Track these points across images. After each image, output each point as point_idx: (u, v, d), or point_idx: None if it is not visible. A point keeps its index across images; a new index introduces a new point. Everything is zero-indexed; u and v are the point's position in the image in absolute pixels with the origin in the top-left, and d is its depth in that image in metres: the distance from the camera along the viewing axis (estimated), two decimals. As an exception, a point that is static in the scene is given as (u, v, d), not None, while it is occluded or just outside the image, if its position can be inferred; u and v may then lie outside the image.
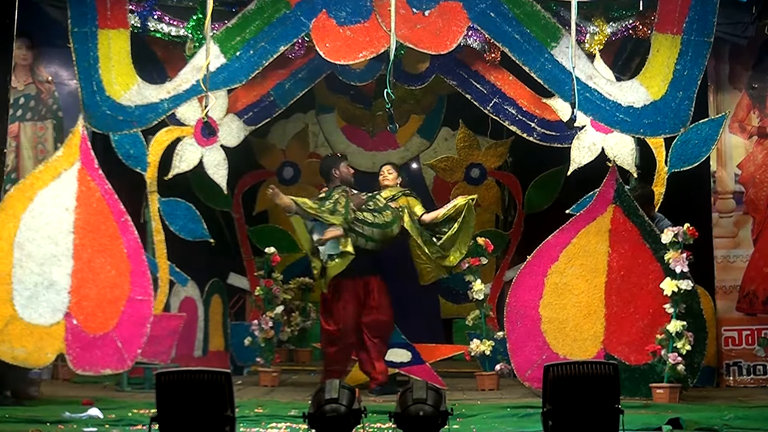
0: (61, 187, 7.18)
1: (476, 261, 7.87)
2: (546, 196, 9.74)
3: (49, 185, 7.19)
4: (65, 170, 7.24)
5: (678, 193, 7.86)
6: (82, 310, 7.06)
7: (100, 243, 7.15)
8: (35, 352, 6.96)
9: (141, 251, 7.31)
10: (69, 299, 7.04)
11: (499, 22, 7.57)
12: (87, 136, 7.36)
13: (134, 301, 7.17)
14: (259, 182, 10.29)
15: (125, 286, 7.17)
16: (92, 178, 7.30)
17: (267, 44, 7.70)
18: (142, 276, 7.23)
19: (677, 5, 7.50)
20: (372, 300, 7.80)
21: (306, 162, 10.39)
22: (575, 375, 4.43)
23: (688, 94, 7.51)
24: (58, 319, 7.02)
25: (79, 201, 7.17)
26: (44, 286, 7.02)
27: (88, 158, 7.33)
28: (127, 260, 7.20)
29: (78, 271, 7.08)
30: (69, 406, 6.59)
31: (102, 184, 7.32)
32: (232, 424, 4.45)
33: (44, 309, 7.00)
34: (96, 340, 7.09)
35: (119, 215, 7.29)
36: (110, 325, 7.13)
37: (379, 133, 10.24)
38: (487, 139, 10.20)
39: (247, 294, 9.84)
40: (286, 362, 9.46)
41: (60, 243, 7.08)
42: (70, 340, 7.02)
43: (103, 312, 7.11)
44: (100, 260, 7.13)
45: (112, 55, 7.72)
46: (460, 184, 10.27)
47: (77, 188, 7.20)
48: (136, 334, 7.16)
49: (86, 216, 7.17)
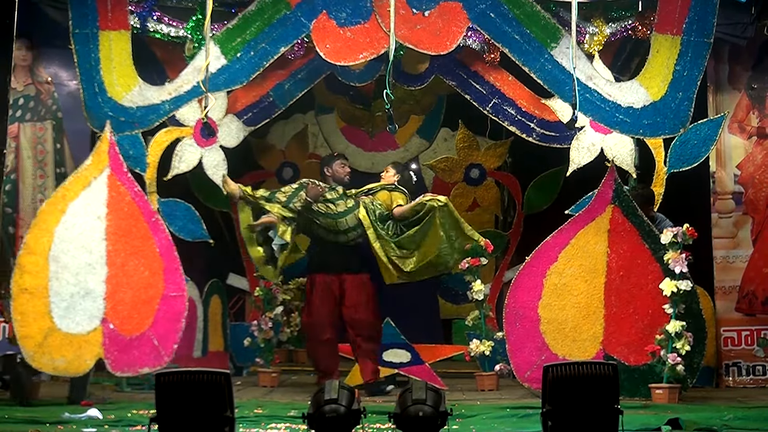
0: (92, 196, 7.24)
1: (476, 261, 7.87)
2: (545, 197, 9.73)
3: (80, 195, 7.24)
4: (95, 178, 7.29)
5: (677, 193, 7.87)
6: (118, 314, 7.13)
7: (133, 246, 7.22)
8: (75, 360, 7.03)
9: (173, 248, 7.34)
10: (105, 305, 7.12)
11: (498, 22, 7.58)
12: (115, 142, 7.40)
13: (168, 297, 7.25)
14: (259, 183, 10.27)
15: (159, 285, 7.24)
16: (122, 182, 7.34)
17: (267, 45, 7.70)
18: (174, 272, 7.29)
19: (677, 6, 7.50)
20: (347, 298, 7.77)
21: (305, 162, 10.38)
22: (574, 375, 4.44)
23: (688, 95, 7.52)
24: (95, 326, 7.10)
25: (109, 207, 7.24)
26: (80, 295, 7.09)
27: (117, 163, 7.36)
28: (159, 259, 7.26)
29: (112, 277, 7.16)
30: (69, 406, 6.59)
31: (132, 187, 7.36)
32: (232, 424, 4.45)
33: (81, 317, 7.07)
34: (133, 341, 7.15)
35: (150, 216, 7.35)
36: (146, 325, 7.19)
37: (379, 133, 10.23)
38: (487, 140, 10.20)
39: (246, 294, 9.83)
40: (286, 363, 9.45)
41: (93, 251, 7.15)
42: (107, 345, 7.09)
43: (139, 313, 7.18)
44: (133, 263, 7.20)
45: (114, 56, 7.72)
46: (460, 185, 10.27)
47: (107, 195, 7.26)
48: (172, 329, 7.22)
49: (117, 221, 7.23)
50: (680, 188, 7.91)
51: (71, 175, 7.35)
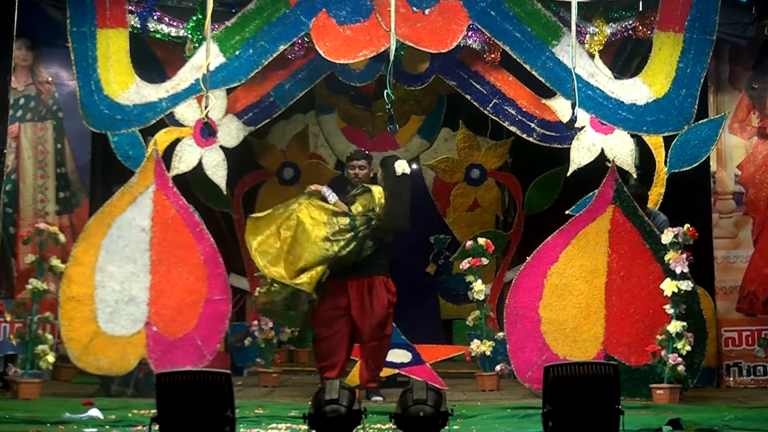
0: (137, 210, 7.47)
1: (477, 261, 7.86)
2: (546, 197, 9.74)
3: (127, 210, 7.46)
4: (140, 194, 7.49)
5: (678, 193, 7.86)
6: (161, 318, 7.39)
7: (176, 255, 7.45)
8: (119, 360, 7.36)
9: (217, 255, 7.51)
10: (148, 310, 7.38)
11: (499, 20, 7.58)
12: (161, 159, 7.58)
13: (212, 301, 7.44)
14: (259, 183, 10.29)
15: (203, 290, 7.45)
16: (167, 196, 7.50)
17: (267, 43, 7.71)
18: (218, 278, 7.48)
19: (679, 3, 7.51)
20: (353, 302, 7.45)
21: (306, 162, 10.39)
22: (575, 376, 4.43)
23: (691, 92, 7.52)
24: (138, 329, 7.37)
25: (154, 221, 7.46)
26: (124, 301, 7.38)
27: (163, 179, 7.53)
28: (203, 266, 7.46)
29: (156, 284, 7.40)
30: (69, 406, 6.59)
31: (176, 200, 7.52)
32: (232, 424, 4.45)
33: (125, 321, 7.37)
34: (176, 342, 7.37)
35: (194, 226, 7.51)
36: (190, 327, 7.39)
37: (379, 133, 10.24)
38: (487, 140, 10.21)
39: (247, 295, 9.83)
40: (287, 363, 9.46)
41: (138, 261, 7.42)
42: (151, 346, 7.34)
43: (182, 316, 7.41)
44: (177, 270, 7.44)
45: (111, 54, 7.73)
46: (460, 185, 10.28)
47: (152, 209, 7.47)
48: (215, 330, 7.43)
49: (161, 233, 7.45)
50: (681, 188, 7.90)
51: (118, 191, 7.57)
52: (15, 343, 7.38)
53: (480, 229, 9.96)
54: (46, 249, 7.38)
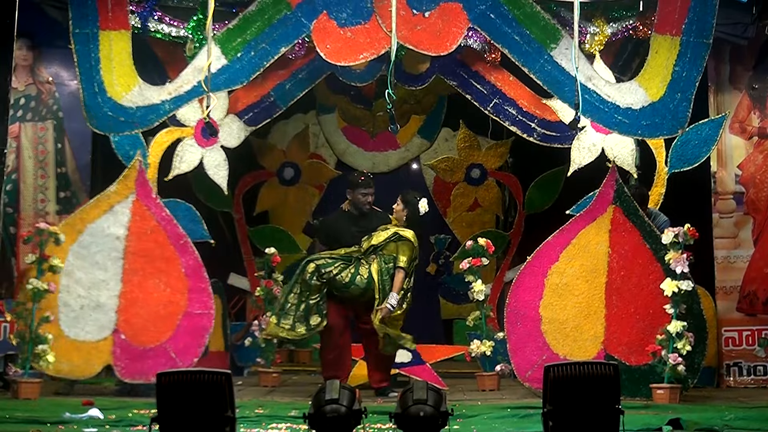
0: (113, 218, 7.56)
1: (477, 261, 7.86)
2: (546, 197, 9.74)
3: (101, 218, 7.55)
4: (118, 203, 7.58)
5: (678, 193, 7.87)
6: (131, 326, 7.47)
7: (155, 266, 7.52)
8: (81, 365, 7.47)
9: (201, 269, 7.56)
10: (117, 318, 7.47)
11: (498, 23, 7.58)
12: (144, 169, 7.63)
13: (192, 315, 7.50)
14: (260, 183, 10.29)
15: (182, 303, 7.51)
16: (148, 207, 7.57)
17: (268, 45, 7.71)
18: (201, 292, 7.54)
19: (676, 7, 7.50)
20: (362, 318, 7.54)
21: (306, 162, 10.40)
22: (576, 375, 4.43)
23: (687, 96, 7.53)
24: (105, 336, 7.45)
25: (131, 230, 7.54)
26: (91, 307, 7.47)
27: (145, 190, 7.59)
28: (185, 278, 7.53)
29: (127, 293, 7.50)
30: (69, 406, 6.59)
31: (159, 212, 7.58)
32: (233, 424, 4.45)
33: (91, 327, 7.46)
34: (147, 352, 7.44)
35: (178, 238, 7.57)
36: (163, 338, 7.46)
37: (380, 133, 10.24)
38: (488, 140, 10.21)
39: (247, 294, 9.84)
40: (287, 363, 9.46)
41: (109, 269, 7.51)
42: (118, 353, 7.43)
43: (155, 327, 7.47)
44: (153, 281, 7.51)
45: (114, 56, 7.75)
46: (461, 185, 10.28)
47: (130, 218, 7.56)
48: (193, 344, 7.46)
49: (137, 243, 7.53)
50: (681, 188, 7.91)
51: (93, 199, 7.64)
52: (15, 343, 7.38)
53: (480, 229, 9.96)
54: (46, 249, 7.38)
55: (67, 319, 7.43)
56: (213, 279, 8.97)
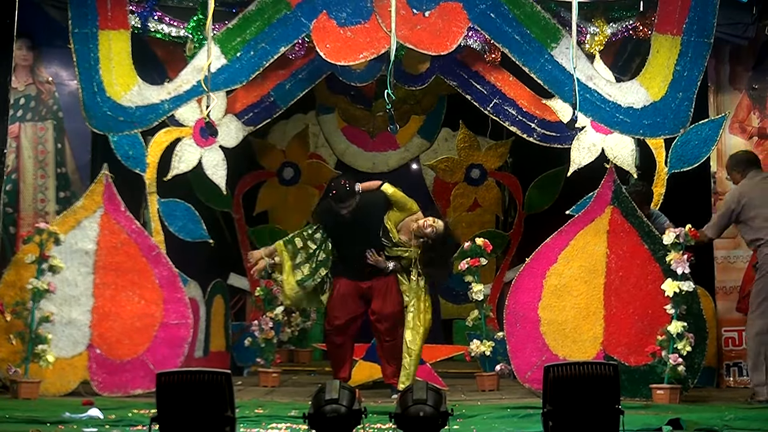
0: (81, 234, 7.55)
1: (475, 262, 7.87)
2: (546, 197, 9.75)
3: (68, 234, 7.51)
4: (86, 217, 7.58)
5: (678, 193, 7.86)
6: (106, 340, 7.48)
7: (127, 279, 7.52)
8: (57, 381, 7.41)
9: (176, 279, 7.57)
10: (91, 333, 7.48)
11: (499, 22, 7.58)
12: (111, 183, 7.60)
13: (168, 326, 7.51)
14: (260, 183, 10.30)
15: (157, 314, 7.52)
16: (117, 220, 7.57)
17: (267, 45, 7.70)
18: (177, 302, 7.55)
19: (677, 6, 7.50)
20: (373, 303, 7.60)
21: (306, 162, 10.41)
22: (575, 376, 4.44)
23: (688, 95, 7.52)
24: (80, 351, 7.47)
25: (100, 245, 7.54)
26: (62, 323, 7.43)
27: (114, 203, 7.57)
28: (159, 290, 7.53)
29: (99, 307, 7.50)
30: (69, 406, 6.59)
31: (128, 224, 7.57)
32: (233, 424, 4.45)
33: (64, 343, 7.45)
34: (124, 365, 7.46)
35: (149, 250, 7.56)
36: (140, 350, 7.47)
37: (380, 133, 10.26)
38: (488, 140, 10.22)
39: (247, 294, 9.84)
40: (287, 363, 9.46)
41: (80, 284, 7.51)
42: (94, 368, 7.45)
43: (131, 339, 7.49)
44: (126, 294, 7.51)
45: (113, 56, 7.74)
46: (461, 185, 10.29)
47: (99, 232, 7.55)
48: (172, 355, 7.46)
49: (108, 257, 7.53)
50: (681, 188, 7.91)
51: (60, 215, 7.66)
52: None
53: (480, 229, 9.97)
54: (46, 249, 7.38)
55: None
56: (216, 279, 9.03)
